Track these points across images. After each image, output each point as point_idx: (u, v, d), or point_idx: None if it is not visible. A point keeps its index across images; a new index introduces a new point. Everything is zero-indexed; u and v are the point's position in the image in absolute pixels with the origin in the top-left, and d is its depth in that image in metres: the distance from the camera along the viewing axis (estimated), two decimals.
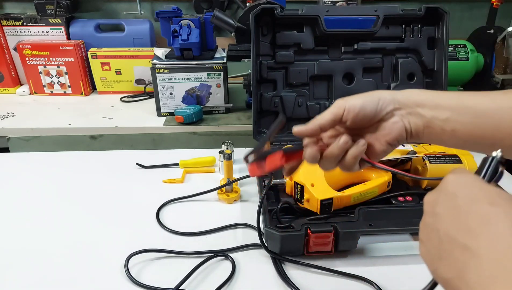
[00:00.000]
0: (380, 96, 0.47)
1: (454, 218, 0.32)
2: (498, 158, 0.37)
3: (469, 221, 0.30)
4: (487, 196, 0.32)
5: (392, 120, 0.47)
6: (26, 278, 0.58)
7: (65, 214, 0.73)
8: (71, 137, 1.08)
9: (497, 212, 0.30)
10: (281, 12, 0.84)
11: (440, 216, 0.33)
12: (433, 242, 0.33)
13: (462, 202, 0.32)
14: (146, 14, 1.41)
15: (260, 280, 0.59)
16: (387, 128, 0.48)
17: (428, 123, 0.46)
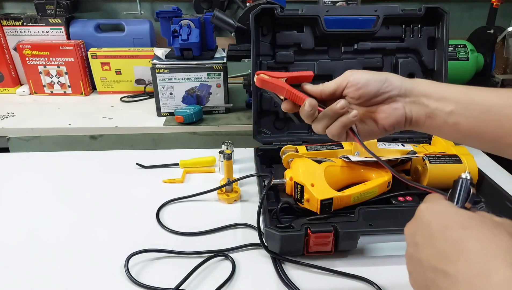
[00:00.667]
0: (388, 78, 0.47)
1: (432, 246, 0.32)
2: (468, 180, 0.38)
3: (445, 248, 0.31)
4: (459, 221, 0.32)
5: (393, 105, 0.47)
6: (26, 278, 0.58)
7: (65, 214, 0.73)
8: (71, 137, 1.08)
9: (469, 236, 0.30)
10: (281, 12, 0.84)
11: (419, 245, 0.34)
12: (419, 272, 0.33)
13: (436, 229, 0.33)
14: (146, 14, 1.41)
15: (260, 280, 0.59)
16: (386, 111, 0.48)
17: (430, 114, 0.46)
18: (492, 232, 0.30)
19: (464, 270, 0.28)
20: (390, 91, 0.47)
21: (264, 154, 0.86)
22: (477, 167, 0.74)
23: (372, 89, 0.47)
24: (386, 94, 0.47)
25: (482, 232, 0.30)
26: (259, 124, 0.91)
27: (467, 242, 0.30)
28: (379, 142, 0.79)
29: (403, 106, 0.47)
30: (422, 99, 0.47)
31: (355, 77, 0.48)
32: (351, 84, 0.48)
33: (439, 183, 0.74)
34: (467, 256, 0.29)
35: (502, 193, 0.70)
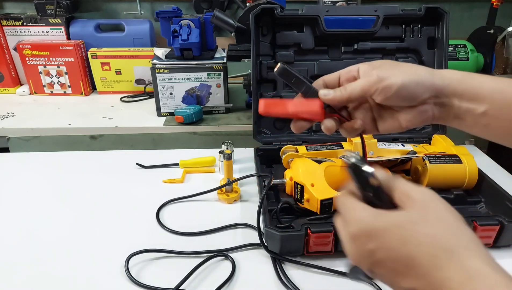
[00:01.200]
0: (419, 79, 0.42)
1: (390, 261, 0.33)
2: (352, 164, 0.36)
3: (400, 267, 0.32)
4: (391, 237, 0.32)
5: (421, 108, 0.43)
6: (26, 278, 0.58)
7: (65, 214, 0.73)
8: (71, 137, 1.08)
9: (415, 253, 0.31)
10: (281, 12, 0.84)
11: (377, 259, 0.33)
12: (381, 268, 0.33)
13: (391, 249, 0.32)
14: (146, 14, 1.41)
15: (260, 280, 0.59)
16: (413, 114, 0.44)
17: (459, 115, 0.43)
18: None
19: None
20: (422, 94, 0.42)
21: (264, 154, 0.86)
22: (477, 167, 0.74)
23: (405, 97, 0.42)
24: (418, 98, 0.42)
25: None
26: (259, 124, 0.91)
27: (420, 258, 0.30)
28: (379, 142, 0.79)
29: (431, 108, 0.43)
30: (453, 100, 0.42)
31: (387, 84, 0.41)
32: (382, 91, 0.42)
33: (439, 183, 0.74)
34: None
35: (502, 193, 0.70)
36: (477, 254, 0.29)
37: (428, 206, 0.32)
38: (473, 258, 0.29)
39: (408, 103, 0.43)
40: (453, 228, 0.31)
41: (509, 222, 0.61)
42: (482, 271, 0.28)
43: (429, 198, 0.33)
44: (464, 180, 0.74)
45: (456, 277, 0.28)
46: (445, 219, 0.32)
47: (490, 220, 0.62)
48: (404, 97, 0.42)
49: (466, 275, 0.28)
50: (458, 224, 0.32)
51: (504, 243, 0.64)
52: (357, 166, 0.36)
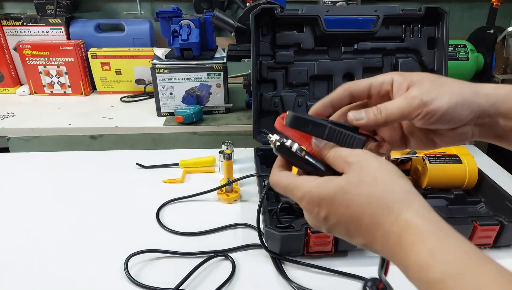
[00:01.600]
0: (464, 101, 0.36)
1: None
2: (279, 143, 0.37)
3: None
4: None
5: (461, 130, 0.39)
6: (26, 278, 0.58)
7: (65, 214, 0.73)
8: (71, 137, 1.08)
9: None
10: (281, 12, 0.84)
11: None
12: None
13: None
14: (146, 14, 1.41)
15: (260, 280, 0.59)
16: (451, 136, 0.40)
17: (504, 134, 0.39)
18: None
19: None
20: (466, 116, 0.37)
21: (264, 154, 0.86)
22: (477, 167, 0.74)
23: (450, 120, 0.37)
24: (462, 120, 0.37)
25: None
26: (259, 124, 0.91)
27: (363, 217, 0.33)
28: None
29: (472, 129, 0.39)
30: (497, 120, 0.38)
31: (432, 108, 0.36)
32: (423, 116, 0.36)
33: (439, 183, 0.74)
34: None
35: (502, 193, 0.70)
36: (409, 205, 0.31)
37: (363, 166, 0.34)
38: (406, 210, 0.31)
39: (449, 126, 0.38)
40: (387, 183, 0.33)
41: (509, 222, 0.61)
42: (413, 222, 0.30)
43: (362, 158, 0.34)
44: (464, 180, 0.74)
45: (394, 231, 0.31)
46: (380, 176, 0.33)
47: (490, 220, 0.62)
48: (447, 121, 0.37)
49: (400, 227, 0.31)
50: (391, 178, 0.33)
51: (504, 243, 0.64)
52: (283, 145, 0.37)
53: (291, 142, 0.37)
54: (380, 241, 0.32)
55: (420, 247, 0.29)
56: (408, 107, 0.36)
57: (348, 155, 0.35)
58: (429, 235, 0.29)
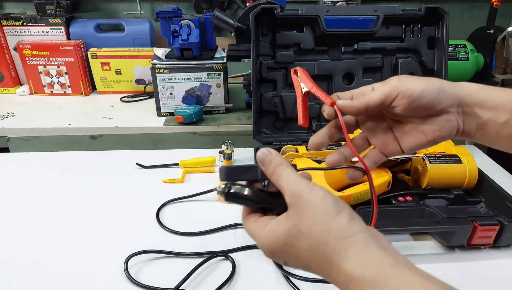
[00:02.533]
0: (441, 86, 0.41)
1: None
2: (226, 192, 0.38)
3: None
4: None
5: (446, 117, 0.42)
6: (25, 278, 0.58)
7: (64, 214, 0.73)
8: (71, 137, 1.08)
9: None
10: (281, 12, 0.84)
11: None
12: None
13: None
14: (146, 14, 1.41)
15: (260, 280, 0.59)
16: (439, 124, 0.42)
17: (483, 125, 0.42)
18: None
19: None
20: (445, 100, 0.41)
21: None
22: (477, 167, 0.74)
23: (428, 102, 0.40)
24: (440, 105, 0.41)
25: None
26: (259, 124, 0.91)
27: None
28: None
29: (456, 118, 0.42)
30: (475, 109, 0.42)
31: (408, 87, 0.40)
32: (404, 95, 0.40)
33: (439, 183, 0.74)
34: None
35: (502, 193, 0.70)
36: (346, 255, 0.31)
37: (299, 211, 0.34)
38: (344, 261, 0.31)
39: (430, 111, 0.42)
40: (322, 232, 0.33)
41: (509, 222, 0.61)
42: (354, 274, 0.31)
43: (297, 200, 0.34)
44: (464, 180, 0.74)
45: (341, 282, 0.32)
46: (314, 224, 0.33)
47: (490, 220, 0.62)
48: (427, 104, 0.41)
49: (345, 279, 0.31)
50: (326, 222, 0.33)
51: (504, 243, 0.64)
52: (230, 193, 0.37)
53: (235, 187, 0.37)
54: (335, 284, 0.33)
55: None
56: (388, 88, 0.41)
57: (285, 190, 0.35)
58: (371, 285, 0.30)
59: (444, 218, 0.63)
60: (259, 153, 0.39)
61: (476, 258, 0.63)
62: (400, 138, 0.44)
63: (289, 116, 0.91)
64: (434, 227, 0.63)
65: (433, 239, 0.66)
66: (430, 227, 0.64)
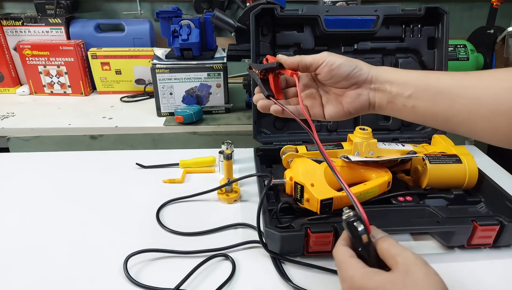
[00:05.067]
0: (358, 64, 0.52)
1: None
2: (348, 221, 0.41)
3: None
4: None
5: (358, 91, 0.52)
6: (25, 278, 0.58)
7: (64, 214, 0.73)
8: (71, 137, 1.08)
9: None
10: (281, 12, 0.84)
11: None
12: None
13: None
14: (146, 14, 1.41)
15: (260, 280, 0.59)
16: (352, 96, 0.53)
17: (392, 99, 0.51)
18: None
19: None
20: (358, 76, 0.51)
21: (264, 154, 0.86)
22: (477, 167, 0.74)
23: (343, 72, 0.51)
24: (354, 79, 0.52)
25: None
26: (259, 124, 0.91)
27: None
28: (379, 142, 0.79)
29: (368, 92, 0.52)
30: (385, 86, 0.51)
31: (331, 58, 0.52)
32: (326, 63, 0.52)
33: (439, 183, 0.74)
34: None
35: (502, 193, 0.70)
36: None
37: (409, 271, 0.36)
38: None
39: (345, 81, 0.52)
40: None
41: (509, 222, 0.61)
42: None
43: (411, 262, 0.36)
44: (464, 180, 0.74)
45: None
46: (422, 287, 0.35)
47: (490, 220, 0.62)
48: (342, 74, 0.52)
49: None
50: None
51: (504, 243, 0.64)
52: (351, 224, 0.40)
53: (360, 226, 0.40)
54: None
55: None
56: (317, 56, 0.53)
57: (398, 254, 0.38)
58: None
59: (444, 218, 0.63)
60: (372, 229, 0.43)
61: (476, 258, 0.63)
62: (325, 106, 0.57)
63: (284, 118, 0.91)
64: (434, 227, 0.63)
65: (433, 239, 0.66)
66: (430, 227, 0.64)
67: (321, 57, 0.53)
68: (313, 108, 0.57)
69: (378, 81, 0.51)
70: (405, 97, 0.50)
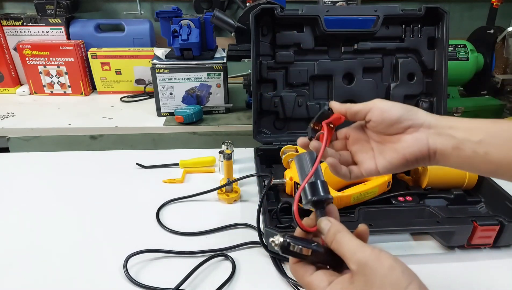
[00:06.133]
0: (413, 108, 0.46)
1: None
2: (280, 245, 0.39)
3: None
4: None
5: (415, 135, 0.45)
6: (25, 278, 0.58)
7: (64, 214, 0.73)
8: (71, 137, 1.08)
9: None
10: (281, 12, 0.84)
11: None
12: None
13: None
14: (146, 14, 1.41)
15: (260, 280, 0.59)
16: (408, 141, 0.45)
17: (458, 144, 0.44)
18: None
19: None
20: (414, 119, 0.45)
21: (264, 154, 0.86)
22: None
23: (395, 114, 0.45)
24: (409, 121, 0.45)
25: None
26: (259, 124, 0.91)
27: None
28: None
29: (427, 137, 0.45)
30: (448, 131, 0.44)
31: (382, 104, 0.47)
32: (376, 108, 0.46)
33: (439, 183, 0.74)
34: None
35: (502, 193, 0.70)
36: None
37: (368, 279, 0.34)
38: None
39: (399, 125, 0.46)
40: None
41: (509, 222, 0.61)
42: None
43: (367, 265, 0.34)
44: (464, 180, 0.74)
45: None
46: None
47: (490, 220, 0.62)
48: (394, 115, 0.45)
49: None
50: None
51: (504, 243, 0.64)
52: (286, 246, 0.38)
53: (293, 243, 0.38)
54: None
55: None
56: (366, 103, 0.47)
57: (349, 258, 0.35)
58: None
59: (444, 218, 0.63)
60: (319, 224, 0.40)
61: (476, 258, 0.63)
62: (377, 158, 0.48)
63: (289, 116, 0.91)
64: (434, 227, 0.63)
65: (433, 239, 0.66)
66: (430, 227, 0.64)
67: (371, 102, 0.47)
68: (364, 162, 0.49)
69: (439, 126, 0.45)
70: (474, 142, 0.43)
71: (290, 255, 0.38)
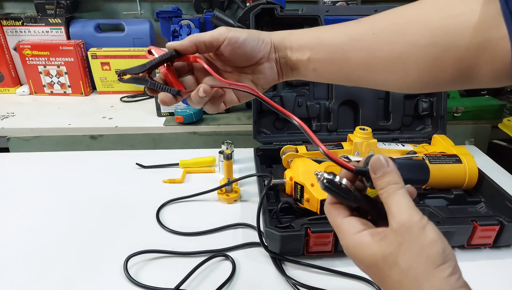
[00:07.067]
0: (260, 36, 0.47)
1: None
2: (325, 178, 0.36)
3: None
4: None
5: (267, 65, 0.48)
6: (25, 278, 0.58)
7: (64, 214, 0.73)
8: (71, 137, 1.08)
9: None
10: (281, 12, 0.84)
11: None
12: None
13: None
14: (146, 14, 1.41)
15: (260, 280, 0.59)
16: (263, 72, 0.48)
17: (294, 65, 0.48)
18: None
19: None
20: (264, 48, 0.47)
21: (264, 154, 0.86)
22: (477, 167, 0.74)
23: (250, 49, 0.46)
24: (261, 52, 0.47)
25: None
26: (259, 124, 0.91)
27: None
28: (379, 142, 0.79)
29: (275, 64, 0.48)
30: (286, 52, 0.48)
31: (234, 34, 0.45)
32: (230, 41, 0.44)
33: (439, 183, 0.74)
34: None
35: (502, 193, 0.70)
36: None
37: (402, 244, 0.32)
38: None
39: (254, 57, 0.47)
40: (418, 281, 0.31)
41: (509, 222, 0.61)
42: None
43: (405, 232, 0.32)
44: (464, 180, 0.74)
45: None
46: (414, 267, 0.32)
47: (490, 220, 0.62)
48: (250, 50, 0.46)
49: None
50: (426, 272, 0.31)
51: (504, 243, 0.64)
52: (331, 179, 0.35)
53: (339, 178, 0.35)
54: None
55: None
56: (216, 33, 0.45)
57: (394, 214, 0.33)
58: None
59: (444, 218, 0.63)
60: (376, 158, 0.35)
61: (476, 258, 0.63)
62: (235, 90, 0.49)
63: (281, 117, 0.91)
64: None
65: None
66: None
67: (220, 34, 0.44)
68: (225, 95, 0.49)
69: (280, 49, 0.48)
70: (304, 61, 0.47)
71: (332, 191, 0.35)
